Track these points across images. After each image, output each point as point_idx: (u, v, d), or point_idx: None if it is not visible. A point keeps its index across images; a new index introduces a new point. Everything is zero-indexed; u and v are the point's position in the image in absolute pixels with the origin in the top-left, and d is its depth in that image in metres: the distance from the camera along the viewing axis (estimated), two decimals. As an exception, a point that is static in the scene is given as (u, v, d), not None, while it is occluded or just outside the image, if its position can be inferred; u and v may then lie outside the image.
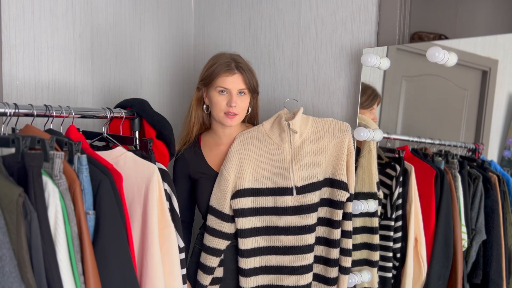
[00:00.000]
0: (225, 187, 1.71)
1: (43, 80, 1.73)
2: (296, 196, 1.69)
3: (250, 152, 1.74)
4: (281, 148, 1.73)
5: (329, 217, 1.73)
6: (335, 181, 1.71)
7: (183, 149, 1.81)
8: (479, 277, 1.68)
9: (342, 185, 1.70)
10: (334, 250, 1.70)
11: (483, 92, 1.67)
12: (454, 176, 1.70)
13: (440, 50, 1.58)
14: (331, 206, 1.72)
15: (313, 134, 1.73)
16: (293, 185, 1.69)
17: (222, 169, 1.73)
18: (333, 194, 1.72)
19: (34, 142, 1.14)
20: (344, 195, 1.69)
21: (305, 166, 1.71)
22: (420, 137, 1.81)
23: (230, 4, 2.32)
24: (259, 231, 1.73)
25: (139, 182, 1.46)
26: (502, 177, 1.64)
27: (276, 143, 1.73)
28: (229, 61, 1.71)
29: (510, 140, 1.62)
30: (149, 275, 1.41)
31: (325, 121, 1.75)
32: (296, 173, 1.70)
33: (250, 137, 1.77)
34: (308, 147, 1.72)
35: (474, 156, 1.69)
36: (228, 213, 1.72)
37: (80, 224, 1.16)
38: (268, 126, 1.77)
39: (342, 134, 1.72)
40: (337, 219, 1.70)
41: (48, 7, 1.74)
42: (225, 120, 1.71)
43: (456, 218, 1.67)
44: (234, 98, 1.68)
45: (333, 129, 1.73)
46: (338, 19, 2.03)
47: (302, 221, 1.69)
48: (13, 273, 0.98)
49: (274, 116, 1.78)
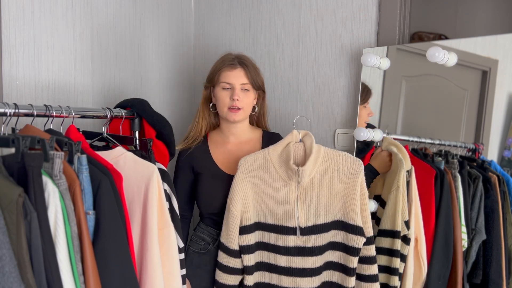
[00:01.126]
0: (233, 224, 1.66)
1: (43, 80, 1.73)
2: (300, 236, 1.62)
3: (255, 183, 1.66)
4: (287, 184, 1.63)
5: (343, 263, 1.63)
6: (349, 225, 1.59)
7: (193, 147, 1.81)
8: (479, 277, 1.68)
9: (357, 230, 1.58)
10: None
11: (483, 92, 1.67)
12: (454, 176, 1.70)
13: (440, 50, 1.58)
14: (346, 251, 1.61)
15: (323, 172, 1.62)
16: (297, 225, 1.62)
17: (229, 205, 1.67)
18: (347, 239, 1.60)
19: (34, 142, 1.14)
20: (360, 240, 1.57)
21: (311, 206, 1.61)
22: (420, 137, 1.81)
23: (230, 4, 2.32)
24: (261, 266, 1.69)
25: (139, 182, 1.46)
26: (502, 177, 1.64)
27: (283, 178, 1.63)
28: (233, 58, 1.77)
29: (510, 140, 1.62)
30: (148, 275, 1.41)
31: (338, 157, 1.62)
32: (301, 213, 1.61)
33: (255, 166, 1.67)
34: (316, 186, 1.61)
35: (474, 156, 1.69)
36: (237, 249, 1.68)
37: (80, 224, 1.16)
38: (275, 156, 1.66)
39: (354, 175, 1.59)
40: (352, 266, 1.59)
41: (48, 7, 1.74)
42: (229, 115, 1.73)
43: (456, 218, 1.66)
44: (236, 91, 1.71)
45: (345, 168, 1.61)
46: (338, 19, 2.03)
47: (304, 263, 1.62)
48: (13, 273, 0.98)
49: (283, 144, 1.67)
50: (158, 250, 1.43)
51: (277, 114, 2.19)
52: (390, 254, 1.65)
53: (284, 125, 2.17)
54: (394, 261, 1.64)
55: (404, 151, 1.72)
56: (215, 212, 1.78)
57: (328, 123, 2.07)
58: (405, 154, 1.70)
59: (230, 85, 1.73)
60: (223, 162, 1.80)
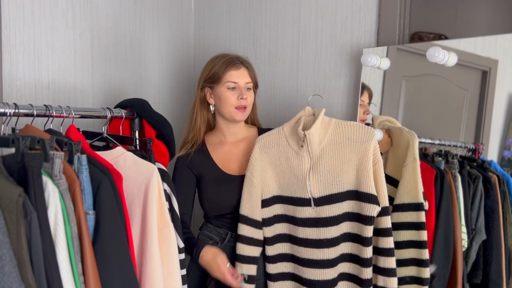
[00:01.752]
0: (256, 195, 1.69)
1: (43, 80, 1.73)
2: (315, 207, 1.63)
3: (271, 158, 1.70)
4: (299, 156, 1.65)
5: (358, 233, 1.60)
6: (362, 194, 1.57)
7: (193, 152, 1.79)
8: (479, 277, 1.68)
9: (371, 198, 1.55)
10: (366, 269, 1.57)
11: (483, 92, 1.67)
12: (454, 176, 1.70)
13: (440, 50, 1.58)
14: (359, 221, 1.59)
15: (334, 142, 1.62)
16: (310, 196, 1.63)
17: (250, 177, 1.70)
18: (361, 208, 1.58)
19: (34, 142, 1.14)
20: (374, 208, 1.55)
21: (324, 177, 1.61)
22: (420, 137, 1.81)
23: (230, 4, 2.32)
24: (282, 238, 1.72)
25: (138, 182, 1.46)
26: (502, 177, 1.64)
27: (295, 150, 1.66)
28: (233, 58, 1.77)
29: (510, 140, 1.62)
30: (148, 275, 1.41)
31: (348, 126, 1.62)
32: (314, 184, 1.62)
33: (270, 142, 1.71)
34: (328, 156, 1.61)
35: (474, 156, 1.69)
36: (260, 220, 1.71)
37: (80, 224, 1.16)
38: (288, 130, 1.70)
39: (366, 142, 1.58)
40: (367, 235, 1.56)
41: (48, 7, 1.74)
42: (236, 115, 1.74)
43: (456, 218, 1.66)
44: (244, 90, 1.73)
45: (356, 136, 1.60)
46: (338, 19, 2.03)
47: (320, 234, 1.62)
48: (13, 273, 0.98)
49: (295, 118, 1.70)
50: (158, 250, 1.43)
51: (277, 114, 2.19)
52: (417, 228, 1.60)
53: (284, 125, 2.17)
54: (422, 234, 1.59)
55: (398, 123, 1.75)
56: (222, 214, 1.77)
57: (328, 123, 2.07)
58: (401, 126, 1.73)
59: (235, 85, 1.73)
60: (223, 163, 1.79)
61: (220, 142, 1.82)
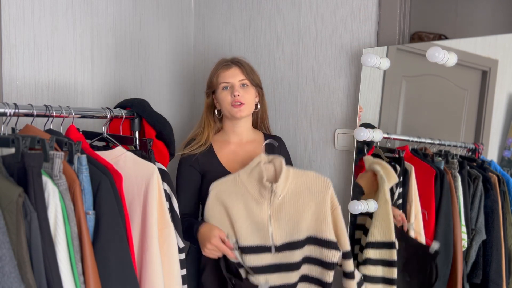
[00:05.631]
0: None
1: (43, 80, 1.73)
2: (275, 253, 1.63)
3: (228, 205, 1.66)
4: (260, 204, 1.64)
5: (319, 278, 1.64)
6: (322, 241, 1.62)
7: (198, 153, 1.80)
8: (479, 277, 1.68)
9: (331, 244, 1.61)
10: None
11: (483, 92, 1.67)
12: (454, 176, 1.70)
13: (440, 50, 1.58)
14: (322, 266, 1.63)
15: (293, 191, 1.65)
16: (272, 244, 1.63)
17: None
18: (322, 254, 1.63)
19: (34, 142, 1.14)
20: (335, 254, 1.60)
21: (284, 224, 1.63)
22: (420, 137, 1.81)
23: (230, 4, 2.33)
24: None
25: (138, 182, 1.46)
26: (502, 177, 1.64)
27: (255, 198, 1.64)
28: (224, 60, 1.85)
29: (510, 140, 1.62)
30: (148, 275, 1.41)
31: (306, 176, 1.67)
32: (276, 231, 1.63)
33: (226, 189, 1.67)
34: (288, 204, 1.64)
35: (474, 156, 1.69)
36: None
37: (80, 224, 1.16)
38: (245, 177, 1.67)
39: (323, 192, 1.64)
40: (328, 281, 1.61)
41: (48, 7, 1.74)
42: (234, 112, 1.77)
43: (456, 218, 1.67)
44: (236, 87, 1.77)
45: (314, 186, 1.66)
46: (338, 19, 2.03)
47: (282, 279, 1.63)
48: (13, 273, 0.98)
49: (252, 165, 1.68)
50: (158, 250, 1.43)
51: (277, 114, 2.19)
52: (389, 265, 1.72)
53: (284, 125, 2.17)
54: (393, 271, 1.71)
55: (387, 166, 1.78)
56: None
57: (328, 123, 2.07)
58: (388, 169, 1.78)
59: (228, 84, 1.78)
60: (228, 162, 1.81)
61: (226, 141, 1.85)
